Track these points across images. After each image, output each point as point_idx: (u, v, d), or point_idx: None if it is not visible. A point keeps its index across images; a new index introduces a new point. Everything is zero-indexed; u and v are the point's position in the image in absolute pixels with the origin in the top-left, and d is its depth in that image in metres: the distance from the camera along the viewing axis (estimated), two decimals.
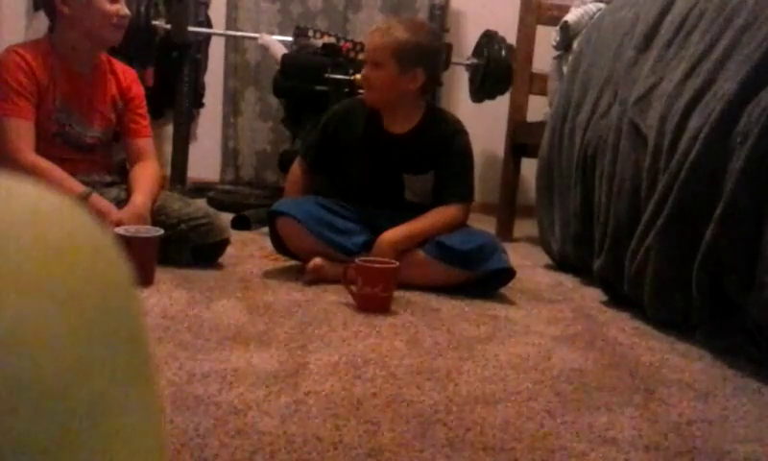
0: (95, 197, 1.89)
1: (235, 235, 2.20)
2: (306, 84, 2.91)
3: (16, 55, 1.93)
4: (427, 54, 2.01)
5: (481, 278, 1.91)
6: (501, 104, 3.48)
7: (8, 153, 1.87)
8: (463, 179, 2.06)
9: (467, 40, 3.99)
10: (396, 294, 1.74)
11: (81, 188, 1.89)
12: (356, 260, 1.74)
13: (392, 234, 1.92)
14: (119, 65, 2.13)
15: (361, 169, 2.07)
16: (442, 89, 3.79)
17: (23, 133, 1.89)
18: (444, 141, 2.06)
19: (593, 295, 2.00)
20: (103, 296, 0.29)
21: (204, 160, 3.98)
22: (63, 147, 1.98)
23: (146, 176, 2.03)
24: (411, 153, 2.04)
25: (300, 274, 1.95)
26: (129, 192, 2.00)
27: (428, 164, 2.05)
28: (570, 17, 2.85)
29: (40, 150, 1.92)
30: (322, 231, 1.94)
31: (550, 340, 1.53)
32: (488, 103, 3.69)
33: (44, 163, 1.88)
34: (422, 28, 2.10)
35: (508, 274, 1.93)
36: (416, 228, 1.95)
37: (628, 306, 1.83)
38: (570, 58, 2.69)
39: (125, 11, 2.00)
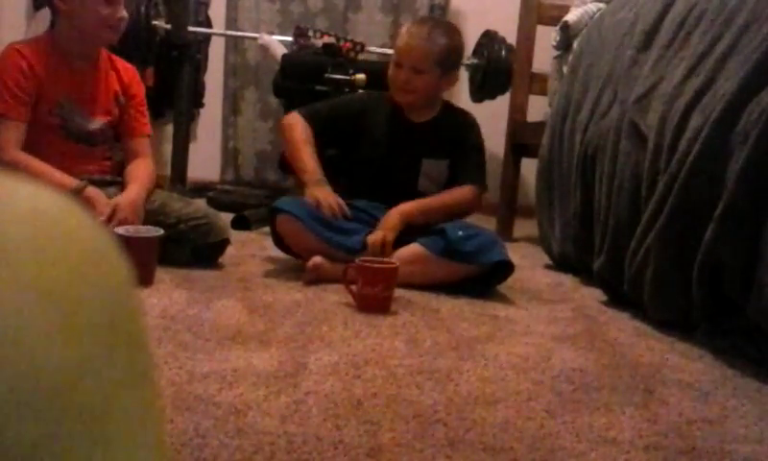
0: (90, 189, 1.89)
1: (235, 235, 2.20)
2: (306, 84, 2.91)
3: (17, 53, 1.93)
4: (462, 55, 2.16)
5: (481, 273, 1.91)
6: (501, 104, 3.47)
7: None
8: (479, 165, 2.15)
9: (467, 40, 3.98)
10: (396, 294, 1.74)
11: (73, 182, 1.88)
12: (356, 260, 1.74)
13: (404, 206, 1.98)
14: (120, 62, 2.13)
15: (381, 155, 2.12)
16: None
17: (11, 133, 1.90)
18: (463, 131, 2.16)
19: (593, 295, 2.00)
20: (102, 296, 0.29)
21: (204, 160, 3.98)
22: (65, 140, 1.99)
23: (140, 171, 2.04)
24: (431, 138, 2.12)
25: (300, 273, 1.95)
26: (123, 188, 2.00)
27: (446, 151, 2.12)
28: (570, 17, 2.85)
29: (43, 144, 1.93)
30: (321, 230, 1.94)
31: (550, 340, 1.53)
32: (488, 103, 3.68)
33: (30, 159, 1.88)
34: (456, 30, 2.22)
35: (507, 267, 1.94)
36: (428, 203, 2.03)
37: (628, 306, 1.83)
38: (570, 58, 2.68)
39: (121, 14, 1.98)
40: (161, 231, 1.82)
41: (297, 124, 2.10)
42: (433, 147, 2.11)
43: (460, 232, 1.92)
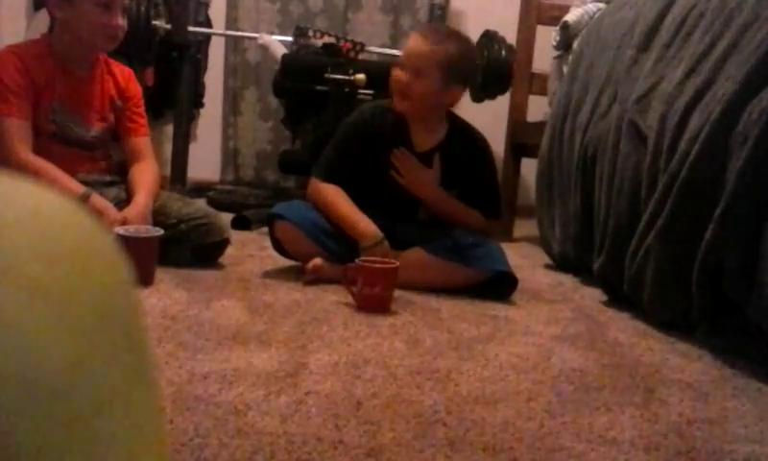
0: (95, 197, 1.89)
1: (235, 235, 2.20)
2: (306, 84, 2.91)
3: (12, 55, 1.93)
4: (471, 72, 2.03)
5: (483, 282, 1.90)
6: (501, 104, 3.48)
7: (5, 152, 1.87)
8: (496, 195, 2.11)
9: None
10: (396, 294, 1.74)
11: (81, 188, 1.89)
12: (356, 260, 1.74)
13: (437, 188, 1.97)
14: (116, 66, 2.13)
15: (382, 182, 2.00)
16: None
17: (21, 133, 1.89)
18: (473, 158, 2.05)
19: (593, 295, 2.00)
20: (103, 296, 0.29)
21: (204, 160, 3.98)
22: (62, 146, 1.98)
23: (146, 176, 2.03)
24: (438, 171, 2.01)
25: (300, 273, 1.95)
26: (128, 192, 2.00)
27: (454, 181, 2.03)
28: (570, 17, 2.85)
29: (39, 149, 1.92)
30: (320, 237, 1.94)
31: (550, 340, 1.53)
32: (488, 103, 3.68)
33: (42, 163, 1.88)
34: (469, 44, 2.05)
35: (509, 280, 1.90)
36: (452, 203, 2.01)
37: (628, 306, 1.83)
38: (570, 58, 2.69)
39: (117, 22, 1.94)
40: (161, 231, 1.81)
41: (323, 187, 1.98)
42: (440, 180, 2.01)
43: (470, 238, 1.92)
